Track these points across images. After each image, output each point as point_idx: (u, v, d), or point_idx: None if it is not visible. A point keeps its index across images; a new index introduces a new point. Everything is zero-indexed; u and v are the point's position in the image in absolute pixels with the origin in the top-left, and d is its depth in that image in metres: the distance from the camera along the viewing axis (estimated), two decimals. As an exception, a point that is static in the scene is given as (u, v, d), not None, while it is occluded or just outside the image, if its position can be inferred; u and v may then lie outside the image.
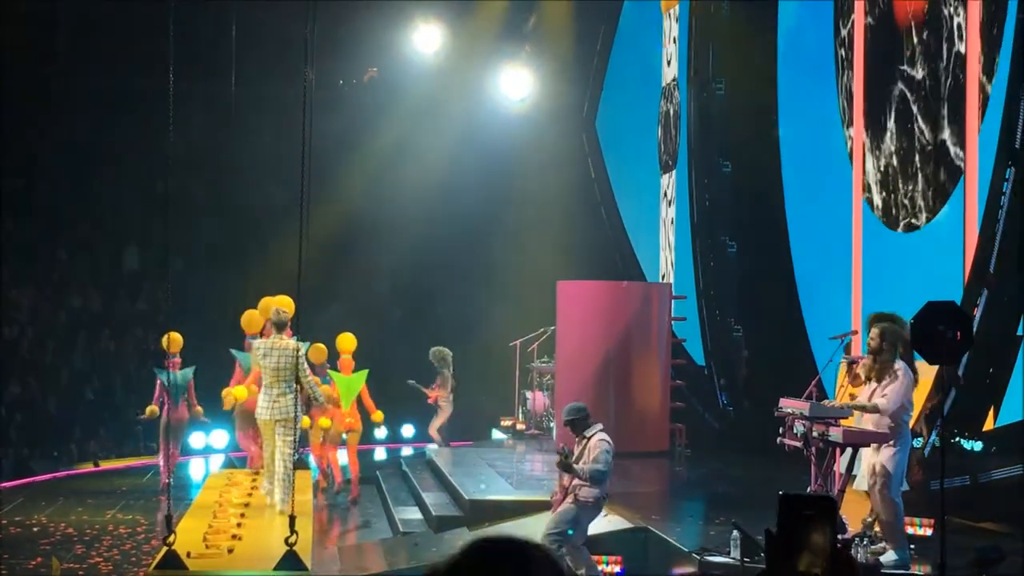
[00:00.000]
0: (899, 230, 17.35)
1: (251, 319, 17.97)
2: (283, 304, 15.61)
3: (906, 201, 17.21)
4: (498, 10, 27.64)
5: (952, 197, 15.99)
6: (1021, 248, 14.13)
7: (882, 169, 17.84)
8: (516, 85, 27.26)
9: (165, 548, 11.18)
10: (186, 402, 18.73)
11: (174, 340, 18.55)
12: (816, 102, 20.19)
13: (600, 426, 12.81)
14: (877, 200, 17.96)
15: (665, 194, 25.72)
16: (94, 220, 28.35)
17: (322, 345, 19.08)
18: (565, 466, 12.60)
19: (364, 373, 19.01)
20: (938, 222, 16.40)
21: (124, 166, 27.83)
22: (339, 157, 26.46)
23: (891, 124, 17.61)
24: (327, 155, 23.67)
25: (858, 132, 18.59)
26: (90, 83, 27.87)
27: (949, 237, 15.93)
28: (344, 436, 19.43)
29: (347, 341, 19.08)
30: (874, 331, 11.94)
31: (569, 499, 12.64)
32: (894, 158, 17.51)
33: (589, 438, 12.66)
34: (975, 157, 15.43)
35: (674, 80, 25.10)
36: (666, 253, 25.44)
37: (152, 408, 18.69)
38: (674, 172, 25.08)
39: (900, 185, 17.34)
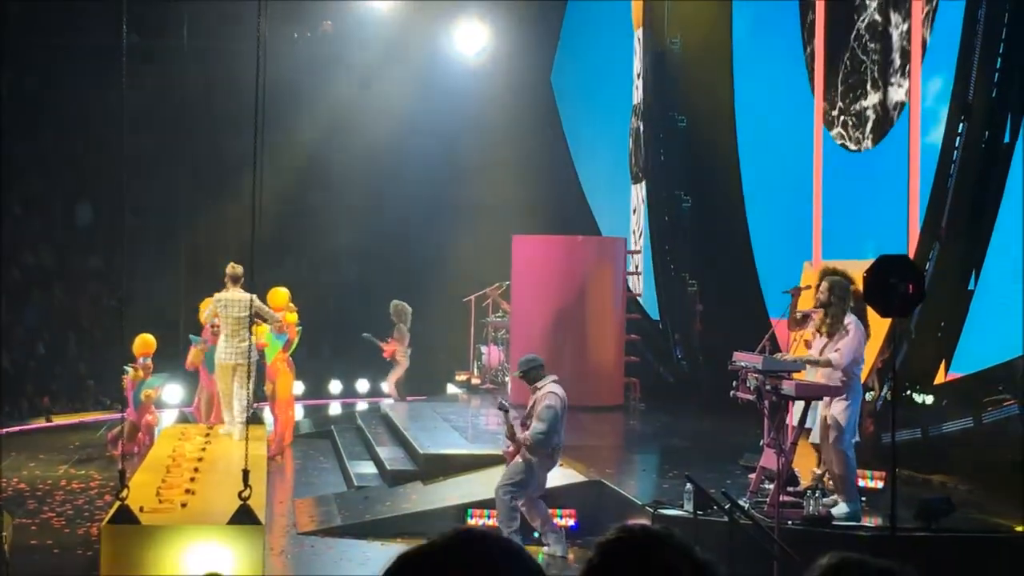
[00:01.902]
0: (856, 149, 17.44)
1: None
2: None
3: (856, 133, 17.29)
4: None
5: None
6: (973, 202, 14.20)
7: (841, 116, 17.90)
8: (472, 39, 27.15)
9: (118, 503, 11.11)
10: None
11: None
12: (774, 54, 20.21)
13: (552, 378, 12.81)
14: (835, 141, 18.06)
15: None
16: (46, 175, 28.09)
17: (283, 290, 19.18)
18: (509, 435, 12.70)
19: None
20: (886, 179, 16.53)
21: (76, 121, 27.55)
22: (294, 111, 26.29)
23: (850, 71, 17.66)
24: (281, 108, 23.50)
25: (819, 84, 18.62)
26: (41, 37, 27.56)
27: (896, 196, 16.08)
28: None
29: (279, 297, 18.99)
30: (823, 284, 12.01)
31: (522, 452, 12.67)
32: (853, 107, 17.58)
33: (539, 390, 12.70)
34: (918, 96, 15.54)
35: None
36: (640, 211, 25.27)
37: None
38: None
39: (855, 132, 17.41)
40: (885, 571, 2.44)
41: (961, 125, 14.29)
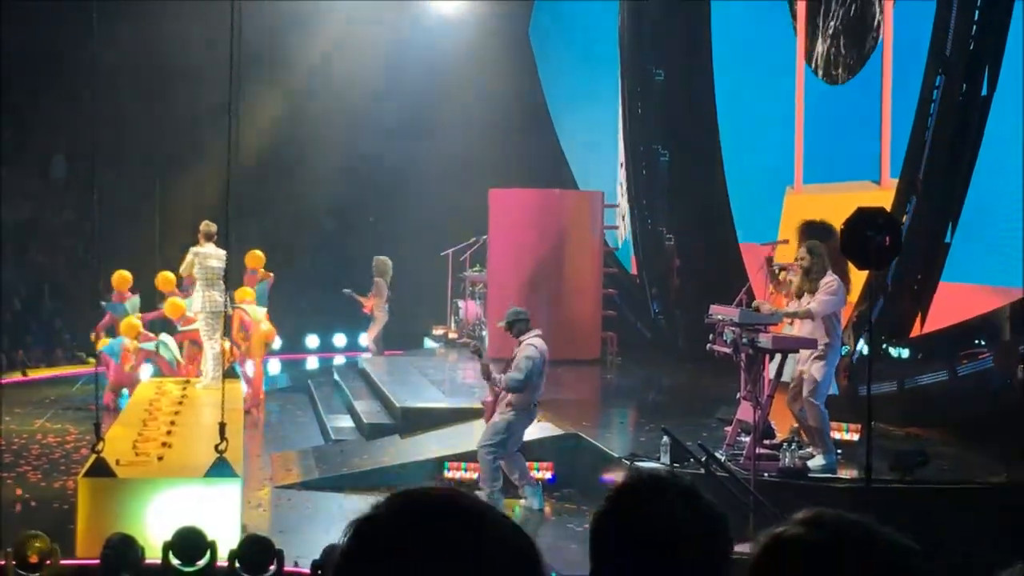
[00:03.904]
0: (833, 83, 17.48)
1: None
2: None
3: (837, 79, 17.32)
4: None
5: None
6: (950, 155, 14.20)
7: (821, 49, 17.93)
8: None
9: (94, 456, 11.12)
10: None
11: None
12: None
13: (536, 332, 12.86)
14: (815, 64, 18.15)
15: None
16: (20, 129, 27.91)
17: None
18: (484, 374, 12.76)
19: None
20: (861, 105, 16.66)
21: (49, 74, 27.34)
22: (270, 65, 26.15)
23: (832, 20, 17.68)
24: (257, 63, 23.34)
25: (801, 15, 18.62)
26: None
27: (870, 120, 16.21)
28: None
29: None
30: (802, 251, 11.98)
31: (500, 408, 12.71)
32: (830, 39, 17.60)
33: (521, 343, 12.75)
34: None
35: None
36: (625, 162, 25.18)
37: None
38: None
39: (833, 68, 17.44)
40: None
41: (938, 78, 14.27)
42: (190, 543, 9.63)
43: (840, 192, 16.86)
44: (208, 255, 17.29)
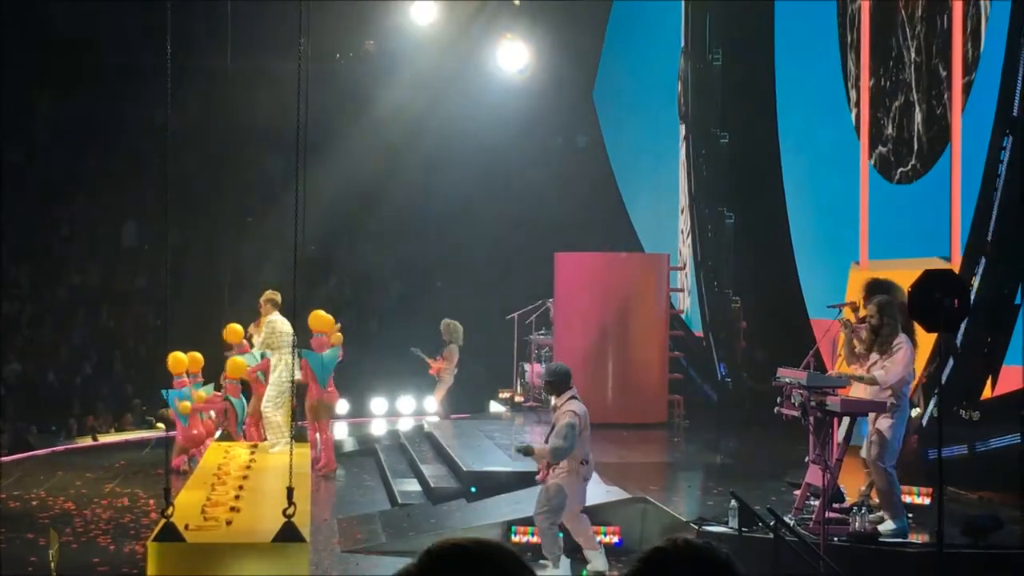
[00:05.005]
0: (896, 181, 17.38)
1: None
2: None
3: (904, 164, 17.22)
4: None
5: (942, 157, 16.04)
6: (1019, 216, 14.11)
7: (884, 129, 17.85)
8: (513, 57, 27.19)
9: (163, 520, 11.14)
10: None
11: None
12: (816, 65, 20.15)
13: (573, 392, 12.69)
14: (877, 161, 18.00)
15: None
16: (92, 196, 28.32)
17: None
18: (525, 451, 12.70)
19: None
20: (930, 181, 16.51)
21: (121, 141, 27.77)
22: (337, 131, 26.42)
23: (893, 85, 17.61)
24: (324, 128, 23.58)
25: (864, 96, 18.55)
26: (87, 58, 27.80)
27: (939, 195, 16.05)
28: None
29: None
30: (871, 308, 11.92)
31: (551, 473, 12.65)
32: (894, 120, 17.52)
33: (560, 406, 12.63)
34: (959, 115, 15.49)
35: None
36: (685, 223, 25.18)
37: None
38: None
39: (900, 149, 17.35)
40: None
41: (1005, 139, 14.21)
42: (258, 608, 9.65)
43: (907, 269, 16.71)
44: (284, 323, 17.31)
